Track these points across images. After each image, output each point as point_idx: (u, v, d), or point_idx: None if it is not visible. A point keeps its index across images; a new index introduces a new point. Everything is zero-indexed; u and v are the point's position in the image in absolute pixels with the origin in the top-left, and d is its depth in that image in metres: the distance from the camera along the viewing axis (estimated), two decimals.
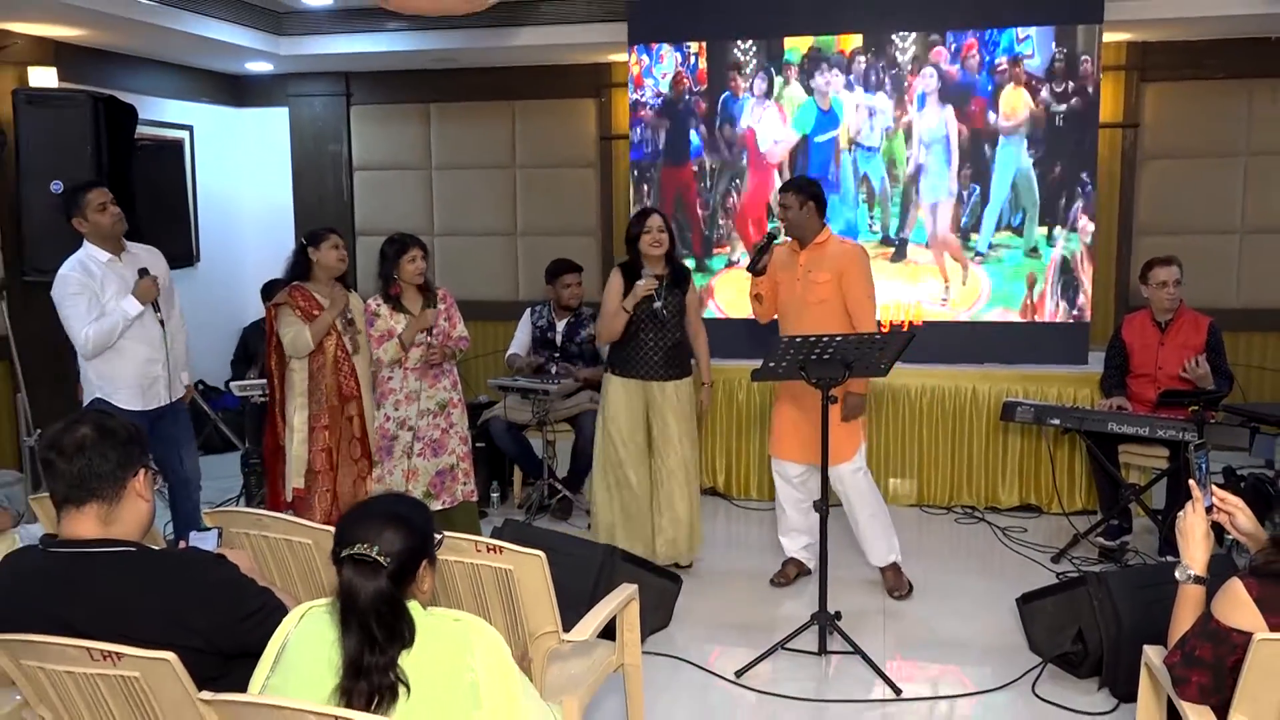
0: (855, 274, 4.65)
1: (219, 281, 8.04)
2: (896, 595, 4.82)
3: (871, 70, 6.29)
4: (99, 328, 4.44)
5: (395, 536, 2.01)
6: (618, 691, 3.53)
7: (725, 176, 6.57)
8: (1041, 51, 6.07)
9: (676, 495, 4.97)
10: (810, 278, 4.67)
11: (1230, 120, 6.98)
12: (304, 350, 4.73)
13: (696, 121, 6.57)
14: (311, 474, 4.79)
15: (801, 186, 4.72)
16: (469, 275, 8.11)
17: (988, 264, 6.25)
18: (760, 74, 6.44)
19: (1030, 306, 6.22)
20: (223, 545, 2.72)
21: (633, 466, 4.95)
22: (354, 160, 8.46)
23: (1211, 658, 2.36)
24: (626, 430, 4.95)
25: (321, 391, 4.78)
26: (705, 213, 6.63)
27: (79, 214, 4.51)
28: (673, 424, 4.95)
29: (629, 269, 4.93)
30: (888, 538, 4.82)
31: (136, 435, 2.35)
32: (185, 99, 7.94)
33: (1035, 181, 6.14)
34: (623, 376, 4.97)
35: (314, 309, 4.74)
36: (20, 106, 5.94)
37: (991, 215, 6.22)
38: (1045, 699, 3.81)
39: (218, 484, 6.32)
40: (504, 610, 2.96)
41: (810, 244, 4.71)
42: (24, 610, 2.23)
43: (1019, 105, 6.13)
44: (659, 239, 4.89)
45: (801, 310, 4.68)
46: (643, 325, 4.91)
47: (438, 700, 1.98)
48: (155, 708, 2.17)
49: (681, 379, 5.00)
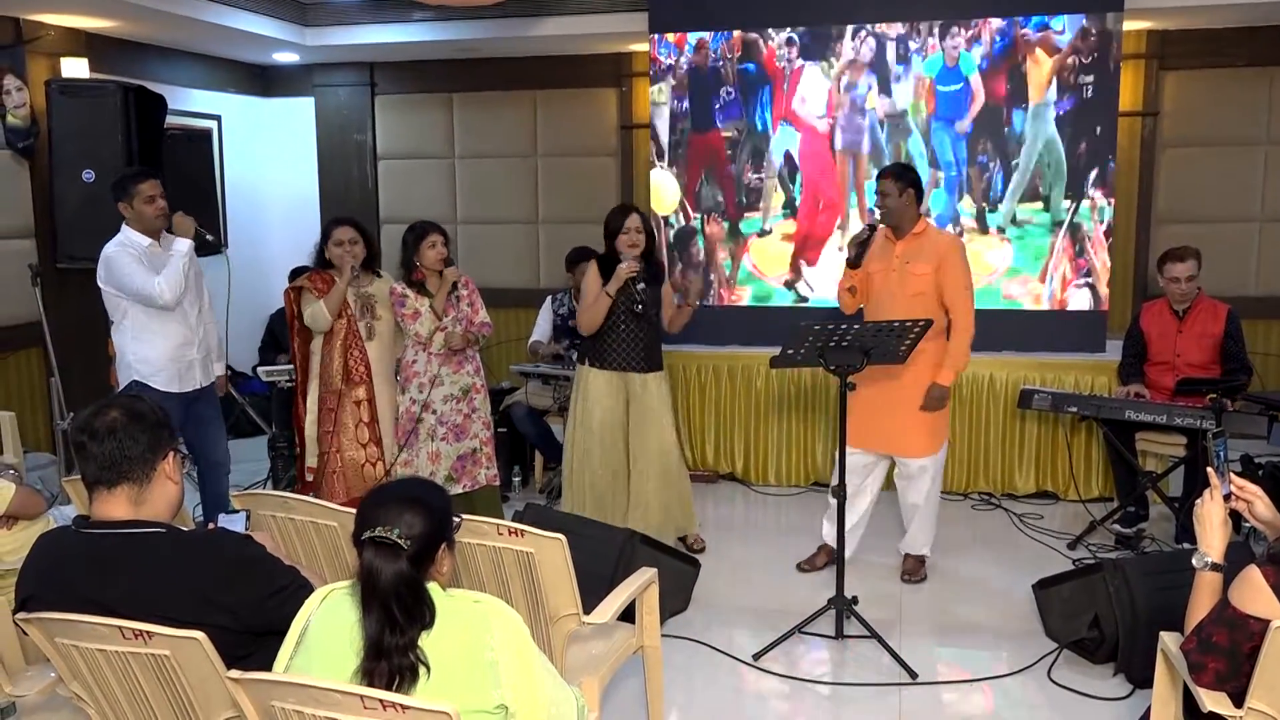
0: (955, 263, 4.55)
1: (246, 268, 8.07)
2: (907, 579, 4.85)
3: (902, 42, 6.26)
4: (168, 275, 4.54)
5: (415, 519, 2.03)
6: (637, 673, 3.57)
7: (755, 139, 6.52)
8: (1071, 28, 6.03)
9: (653, 479, 4.97)
10: (908, 269, 4.56)
11: (1250, 109, 6.94)
12: (324, 325, 4.83)
13: (725, 84, 6.52)
14: (321, 455, 4.89)
15: (900, 173, 4.59)
16: (491, 263, 8.16)
17: (1011, 233, 6.21)
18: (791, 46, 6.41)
19: (1046, 272, 6.18)
20: (251, 527, 2.77)
21: (606, 457, 4.95)
22: (378, 149, 8.53)
23: (1228, 644, 2.35)
24: (606, 421, 4.94)
25: (329, 373, 4.87)
26: (736, 176, 6.58)
27: (127, 200, 4.60)
28: (653, 412, 4.97)
29: (605, 262, 4.90)
30: (929, 532, 4.86)
31: (165, 418, 2.39)
32: (213, 89, 8.02)
33: (1063, 152, 6.09)
34: (601, 369, 4.96)
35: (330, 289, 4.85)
36: (53, 96, 6.04)
37: (1017, 188, 6.17)
38: (1061, 684, 3.83)
39: (245, 467, 6.42)
40: (525, 592, 3.00)
41: (908, 234, 4.60)
42: (58, 589, 2.28)
43: (1046, 74, 6.07)
44: (635, 240, 4.86)
45: (896, 302, 4.56)
46: (621, 319, 4.89)
47: (458, 680, 2.00)
48: (185, 685, 2.22)
49: (658, 371, 5.03)
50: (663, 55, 6.59)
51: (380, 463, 4.95)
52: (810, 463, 6.31)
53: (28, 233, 6.17)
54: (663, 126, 6.66)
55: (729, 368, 6.37)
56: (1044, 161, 6.14)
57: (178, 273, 4.57)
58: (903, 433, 4.67)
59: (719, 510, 6.00)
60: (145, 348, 4.65)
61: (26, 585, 2.34)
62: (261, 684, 2.01)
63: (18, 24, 6.06)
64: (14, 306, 5.95)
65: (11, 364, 6.12)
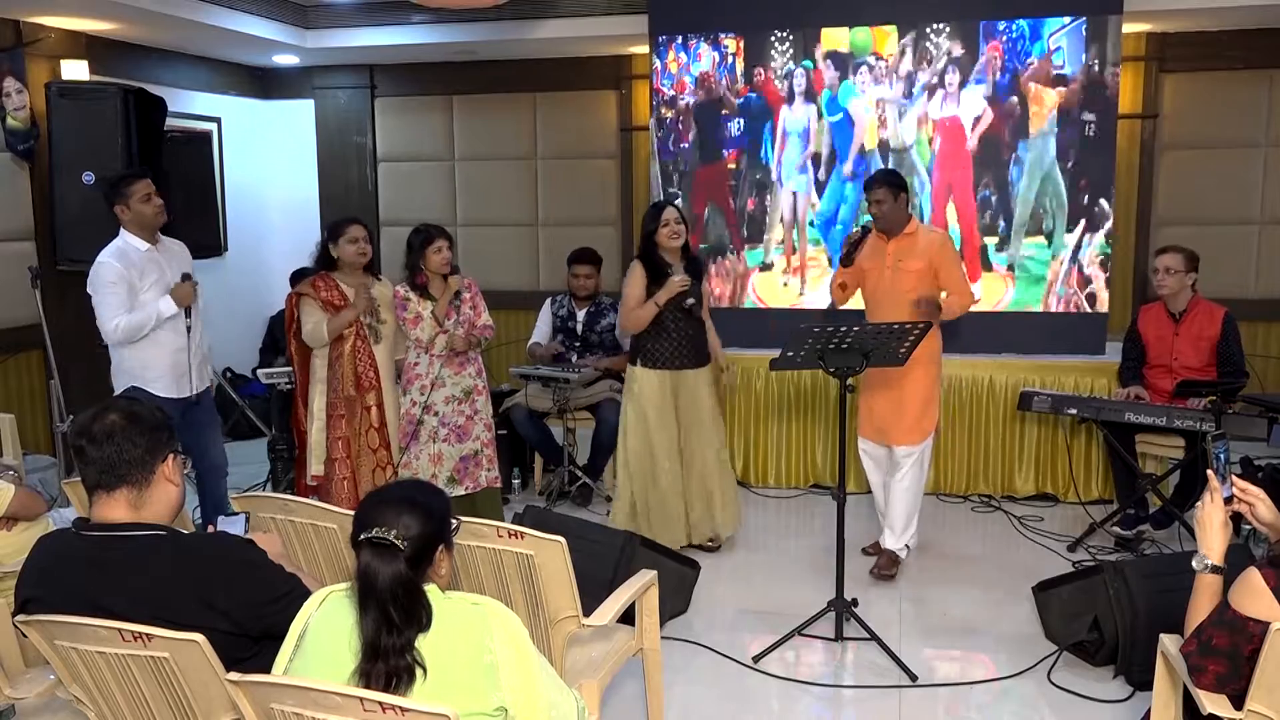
0: (948, 256, 4.78)
1: (246, 271, 8.13)
2: (876, 573, 4.86)
3: (903, 76, 6.22)
4: (130, 320, 4.51)
5: (413, 521, 2.04)
6: (636, 675, 3.57)
7: (758, 172, 6.50)
8: (1072, 61, 5.98)
9: (711, 474, 5.06)
10: (901, 266, 4.75)
11: (1250, 111, 6.95)
12: (319, 342, 4.82)
13: (729, 118, 6.51)
14: (330, 461, 4.88)
15: (890, 180, 4.79)
16: (491, 265, 8.17)
17: (1017, 269, 6.20)
18: (792, 75, 6.37)
19: (1045, 302, 6.18)
20: (251, 529, 2.77)
21: (666, 455, 5.00)
22: (378, 152, 8.54)
23: (1228, 647, 2.35)
24: (660, 420, 4.99)
25: (339, 380, 4.86)
26: (739, 208, 6.56)
27: (122, 202, 4.59)
28: (706, 408, 5.05)
29: (649, 261, 4.97)
30: (906, 525, 4.88)
31: (164, 420, 2.39)
32: (213, 91, 8.04)
33: (1064, 187, 6.07)
34: (653, 368, 5.01)
35: (336, 299, 4.81)
36: (53, 99, 6.04)
37: (1020, 225, 6.14)
38: (1061, 686, 3.83)
39: (245, 470, 6.43)
40: (525, 595, 3.00)
41: (899, 234, 4.78)
42: (58, 591, 2.28)
43: (1047, 107, 6.05)
44: (677, 230, 4.94)
45: (892, 300, 4.77)
46: (670, 317, 4.96)
47: (456, 682, 2.01)
48: (185, 688, 2.22)
49: (706, 365, 5.11)
50: (665, 86, 6.58)
51: (390, 466, 4.95)
52: (810, 465, 6.31)
53: (28, 235, 6.18)
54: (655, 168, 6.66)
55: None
56: (1045, 193, 6.11)
57: (141, 328, 4.54)
58: (895, 421, 4.84)
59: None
60: (141, 353, 4.65)
61: (26, 587, 2.34)
62: (261, 686, 2.01)
63: (18, 26, 6.06)
64: (14, 309, 5.96)
65: (11, 366, 6.12)
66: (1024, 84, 6.08)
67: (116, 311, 4.51)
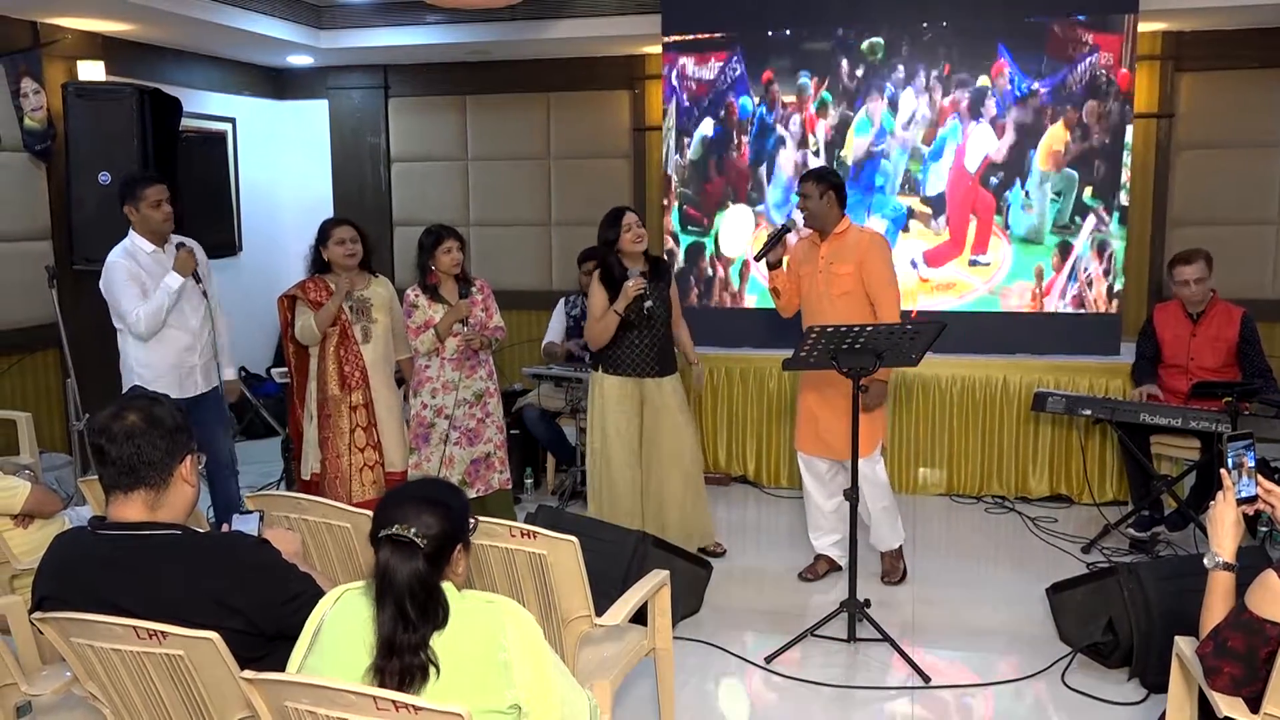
0: (876, 260, 4.60)
1: (261, 271, 8.15)
2: (888, 580, 4.83)
3: (917, 89, 6.24)
4: (148, 308, 4.57)
5: (432, 519, 2.05)
6: (649, 675, 3.58)
7: (768, 174, 6.49)
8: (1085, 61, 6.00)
9: (668, 483, 4.98)
10: (832, 269, 4.63)
11: (1266, 110, 6.89)
12: (310, 339, 4.83)
13: (741, 127, 6.52)
14: (322, 460, 4.89)
15: (821, 176, 4.68)
16: (504, 265, 8.18)
17: (1016, 240, 6.20)
18: (799, 81, 6.40)
19: (1038, 296, 6.18)
20: (266, 528, 2.76)
21: (625, 463, 4.94)
22: (392, 152, 8.56)
23: (1244, 649, 2.34)
24: (622, 428, 4.93)
25: (324, 379, 4.87)
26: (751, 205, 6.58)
27: (133, 204, 4.63)
28: (670, 417, 4.96)
29: (607, 276, 4.89)
30: (894, 526, 4.82)
31: (183, 421, 2.38)
32: (228, 92, 8.06)
33: (1076, 183, 6.09)
34: (616, 375, 4.95)
35: (325, 299, 4.82)
36: (69, 99, 6.08)
37: (1034, 225, 6.17)
38: (1075, 689, 3.82)
39: (259, 468, 6.46)
40: (537, 594, 3.00)
41: (831, 235, 4.67)
42: (73, 589, 2.28)
43: (1060, 140, 6.08)
44: (639, 234, 4.88)
45: (825, 304, 4.64)
46: (632, 324, 4.89)
47: (470, 680, 2.01)
48: (199, 685, 2.23)
49: (673, 374, 5.03)
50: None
51: (379, 465, 4.93)
52: None
53: (44, 235, 6.21)
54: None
55: (741, 370, 6.37)
56: (1059, 192, 6.12)
57: (159, 310, 4.60)
58: (840, 437, 4.61)
59: (731, 513, 5.99)
60: (147, 353, 4.68)
61: (43, 585, 2.34)
62: (275, 684, 2.01)
63: (35, 28, 6.10)
64: (31, 308, 5.99)
65: (28, 365, 6.15)
66: (1037, 89, 6.08)
67: (135, 304, 4.57)
